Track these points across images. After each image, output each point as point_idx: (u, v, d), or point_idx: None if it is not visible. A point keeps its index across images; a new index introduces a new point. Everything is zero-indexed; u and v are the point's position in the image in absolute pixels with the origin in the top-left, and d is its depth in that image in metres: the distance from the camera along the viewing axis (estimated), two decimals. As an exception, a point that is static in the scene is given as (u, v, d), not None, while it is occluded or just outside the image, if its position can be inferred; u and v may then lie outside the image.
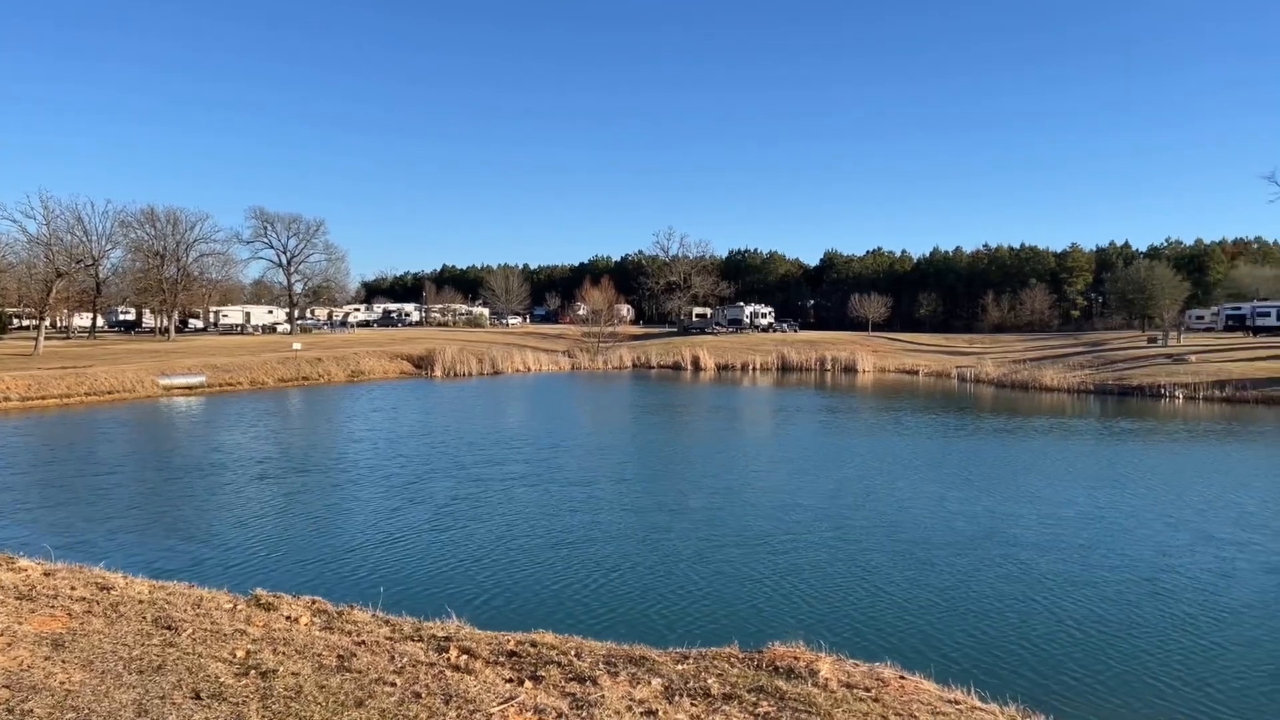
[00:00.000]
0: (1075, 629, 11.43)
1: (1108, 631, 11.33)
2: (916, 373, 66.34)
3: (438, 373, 60.75)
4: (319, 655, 7.28)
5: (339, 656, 7.29)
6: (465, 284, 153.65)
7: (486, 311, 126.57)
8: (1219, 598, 12.67)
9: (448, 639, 8.33)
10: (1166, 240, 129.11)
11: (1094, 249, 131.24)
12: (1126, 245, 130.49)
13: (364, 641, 7.94)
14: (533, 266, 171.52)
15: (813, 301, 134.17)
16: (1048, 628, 11.44)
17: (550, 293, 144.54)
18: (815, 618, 11.80)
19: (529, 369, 66.76)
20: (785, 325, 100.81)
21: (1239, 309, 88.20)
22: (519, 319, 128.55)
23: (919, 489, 20.93)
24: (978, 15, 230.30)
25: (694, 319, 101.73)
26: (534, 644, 8.37)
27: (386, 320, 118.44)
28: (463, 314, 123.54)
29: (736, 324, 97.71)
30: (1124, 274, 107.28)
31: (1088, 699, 9.43)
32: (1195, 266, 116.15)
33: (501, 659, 7.77)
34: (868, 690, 7.85)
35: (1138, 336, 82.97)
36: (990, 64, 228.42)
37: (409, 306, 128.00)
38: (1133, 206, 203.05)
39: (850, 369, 68.99)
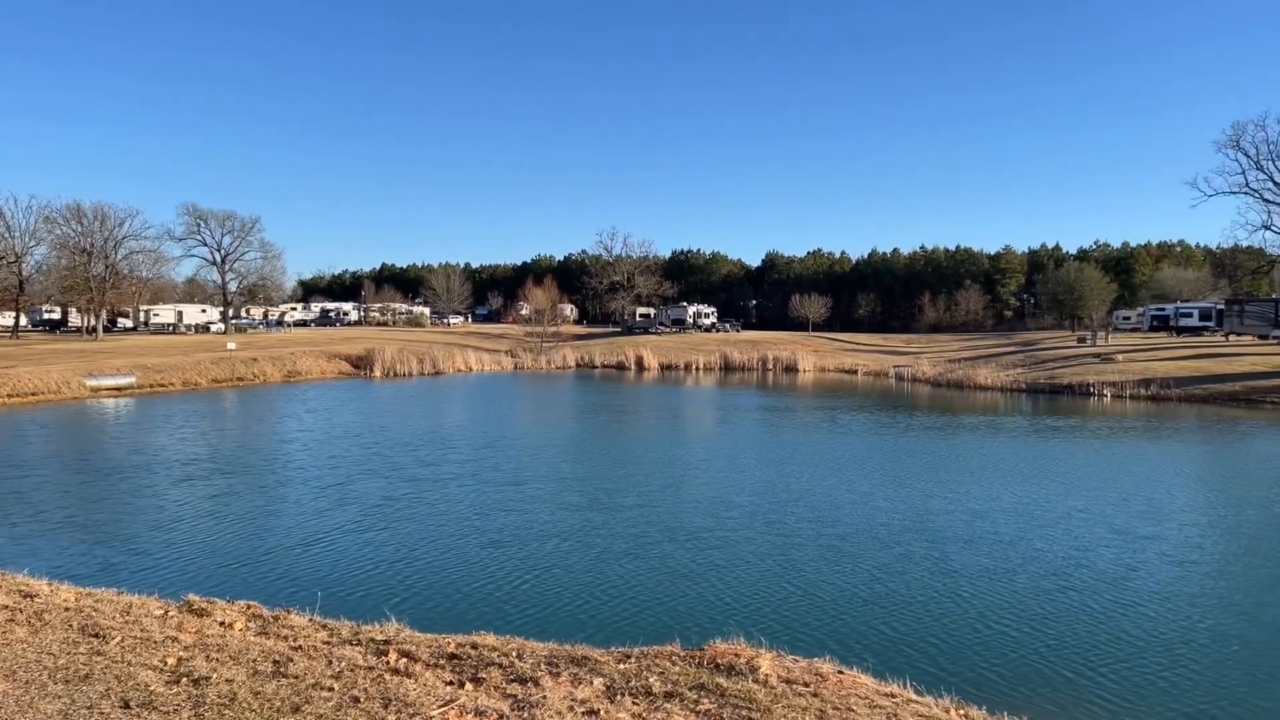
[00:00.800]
0: (1002, 620, 11.74)
1: (1032, 622, 11.66)
2: (855, 372, 67.35)
3: (377, 373, 59.90)
4: (254, 661, 7.15)
5: (274, 662, 7.17)
6: (405, 283, 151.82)
7: (427, 311, 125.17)
8: (1128, 588, 13.13)
9: (387, 642, 8.24)
10: (1095, 243, 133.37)
11: (1026, 251, 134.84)
12: (1057, 248, 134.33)
13: (300, 646, 7.81)
14: (475, 265, 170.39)
15: (755, 302, 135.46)
16: (977, 620, 11.74)
17: (493, 292, 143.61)
18: (756, 614, 11.93)
19: (471, 369, 66.21)
20: (728, 325, 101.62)
21: (1163, 310, 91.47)
22: (461, 318, 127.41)
23: (854, 486, 21.28)
24: (911, 14, 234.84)
25: (638, 319, 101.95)
26: (475, 646, 8.32)
27: (324, 320, 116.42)
28: (403, 313, 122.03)
29: (680, 324, 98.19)
30: (1055, 276, 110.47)
31: (1016, 687, 9.70)
32: (1122, 269, 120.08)
33: (442, 662, 7.72)
34: (807, 685, 7.98)
35: (1068, 336, 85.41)
36: (922, 64, 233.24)
37: (347, 306, 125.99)
38: (1063, 210, 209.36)
39: (791, 368, 69.78)
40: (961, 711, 8.27)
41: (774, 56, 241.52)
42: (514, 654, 8.10)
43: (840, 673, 8.78)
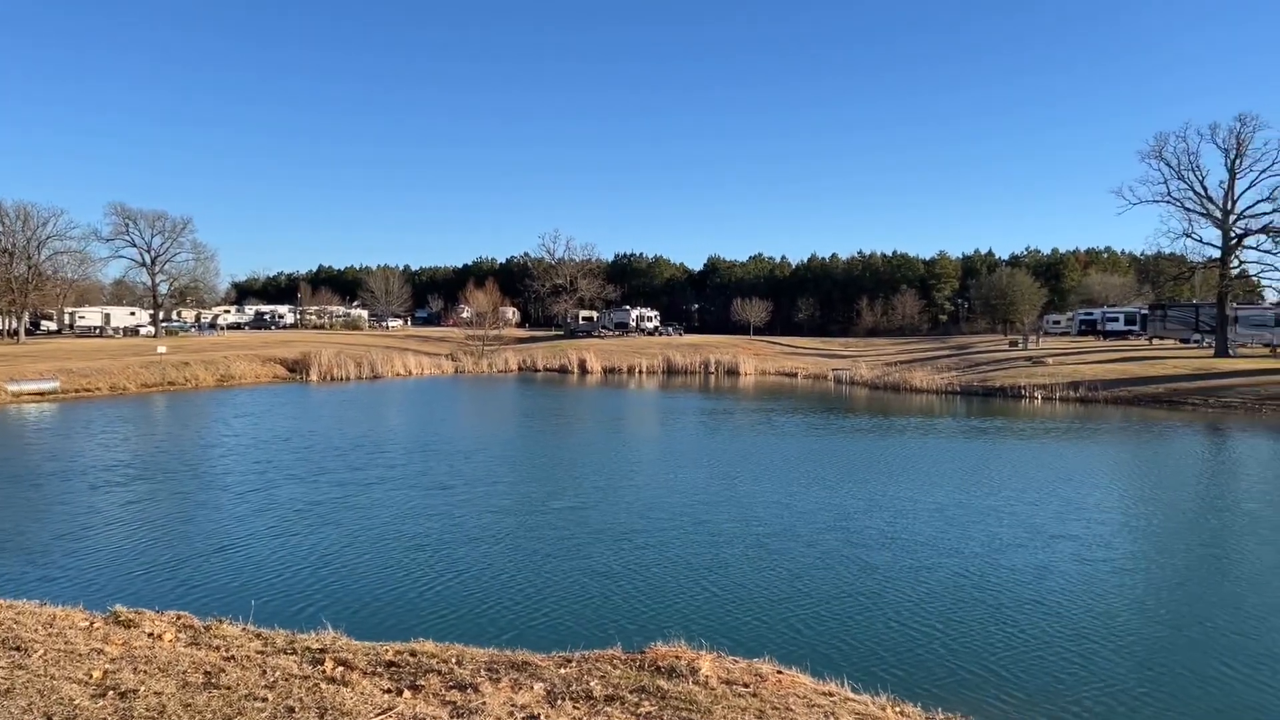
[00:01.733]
0: (932, 617, 11.98)
1: (959, 619, 11.92)
2: (796, 375, 68.19)
3: (314, 377, 58.81)
4: (184, 673, 6.97)
5: (206, 673, 7.00)
6: (343, 285, 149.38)
7: (365, 314, 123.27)
8: (1045, 584, 13.49)
9: (323, 651, 8.10)
10: (1026, 249, 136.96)
11: (960, 257, 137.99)
12: (990, 253, 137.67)
13: (233, 656, 7.64)
14: (415, 268, 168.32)
15: (697, 305, 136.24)
16: (910, 617, 11.97)
17: (433, 295, 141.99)
18: (697, 616, 12.01)
19: (410, 372, 65.40)
20: (671, 329, 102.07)
21: (1091, 314, 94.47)
22: (400, 321, 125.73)
23: (791, 488, 21.53)
24: (849, 19, 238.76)
25: (580, 322, 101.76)
26: (413, 653, 8.23)
27: (259, 322, 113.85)
28: (340, 316, 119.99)
29: (623, 327, 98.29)
30: (988, 281, 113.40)
31: (948, 683, 9.93)
32: (1052, 274, 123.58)
33: (380, 669, 7.62)
34: (746, 686, 8.06)
35: (1000, 340, 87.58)
36: (857, 71, 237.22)
37: (283, 308, 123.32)
38: (996, 217, 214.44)
39: (733, 371, 70.36)
40: (898, 709, 8.43)
41: (713, 61, 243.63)
42: (453, 660, 8.04)
43: (780, 672, 8.89)
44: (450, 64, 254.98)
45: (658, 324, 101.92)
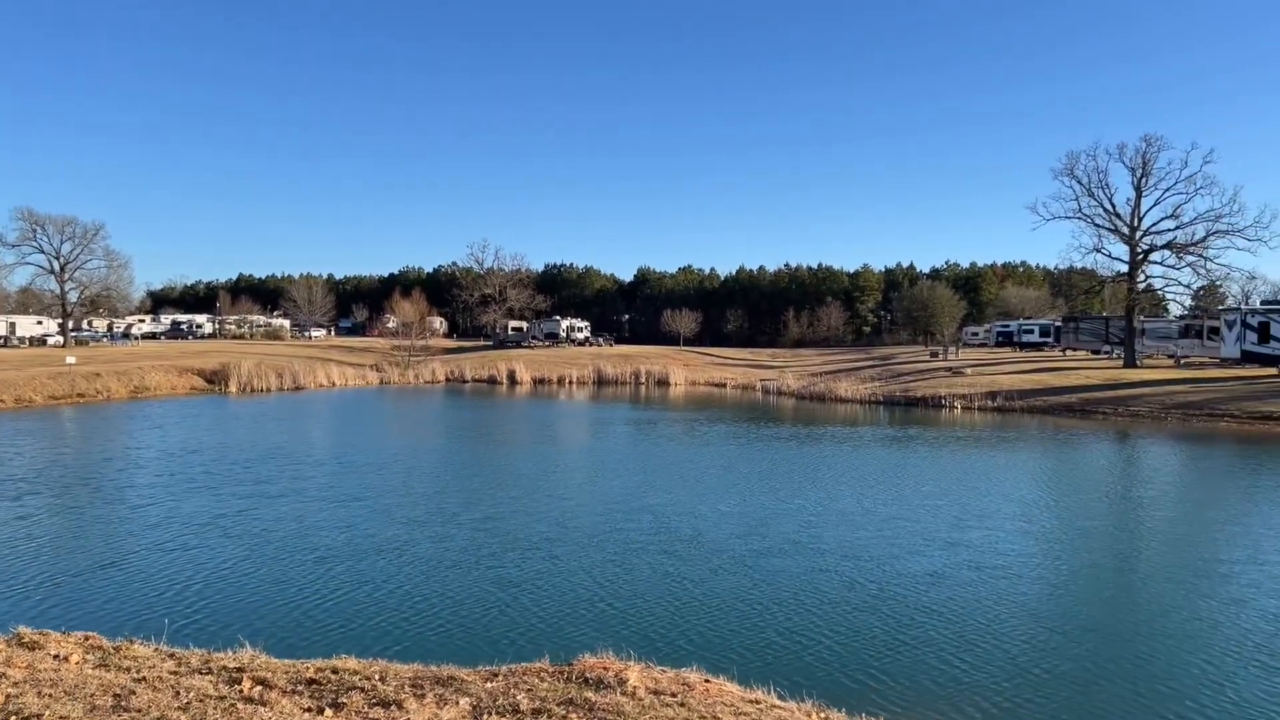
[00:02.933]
0: (857, 624, 12.18)
1: (883, 625, 12.13)
2: (725, 385, 68.81)
3: (233, 388, 57.16)
4: (92, 696, 6.70)
5: (115, 696, 6.74)
6: (264, 294, 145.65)
7: (287, 324, 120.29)
8: (951, 590, 13.82)
9: (240, 670, 7.88)
10: (946, 263, 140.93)
11: (883, 270, 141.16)
12: (911, 267, 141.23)
13: (144, 678, 7.37)
14: (338, 276, 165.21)
15: (628, 316, 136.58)
16: (834, 624, 12.15)
17: (357, 304, 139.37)
18: (625, 626, 11.99)
19: (334, 384, 64.05)
20: (601, 339, 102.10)
21: (1008, 326, 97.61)
22: (323, 331, 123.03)
23: (719, 497, 21.70)
24: (775, 40, 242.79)
25: (510, 332, 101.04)
26: (335, 670, 8.06)
27: (176, 332, 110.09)
28: (261, 326, 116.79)
29: (553, 338, 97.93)
30: (909, 293, 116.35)
31: (871, 688, 10.10)
32: (970, 287, 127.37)
33: (300, 688, 7.44)
34: (674, 695, 8.09)
35: (922, 351, 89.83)
36: (783, 88, 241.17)
37: (201, 318, 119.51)
38: (917, 231, 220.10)
39: (663, 382, 70.67)
40: (823, 715, 8.56)
41: (643, 76, 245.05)
42: (377, 677, 7.89)
43: (707, 681, 8.94)
44: (374, 73, 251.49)
45: (588, 334, 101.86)
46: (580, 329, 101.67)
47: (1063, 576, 14.89)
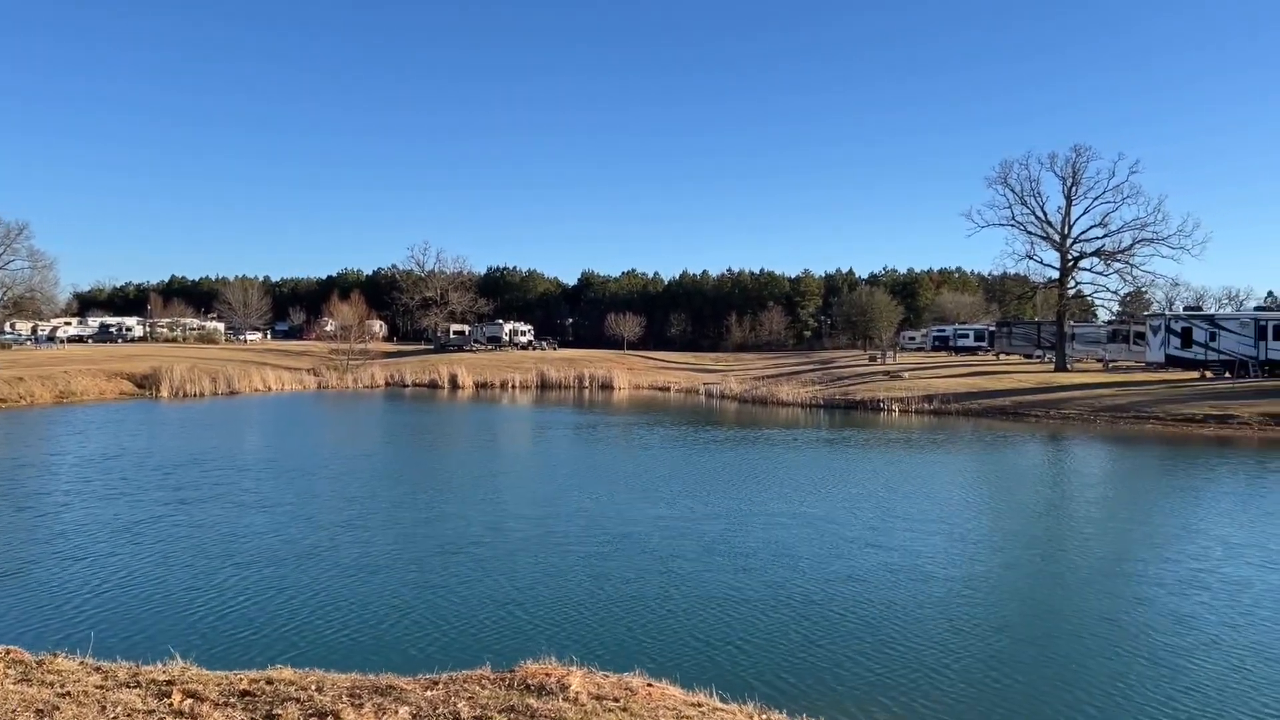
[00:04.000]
0: (795, 625, 12.26)
1: (822, 625, 12.23)
2: (668, 389, 69.12)
3: (164, 393, 55.61)
4: (13, 712, 6.44)
5: (37, 712, 6.49)
6: (198, 297, 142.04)
7: (222, 327, 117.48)
8: (871, 593, 14.01)
9: (170, 683, 7.65)
10: (884, 269, 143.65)
11: (823, 275, 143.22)
12: (851, 272, 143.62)
13: (69, 693, 7.11)
14: (275, 279, 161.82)
15: (571, 320, 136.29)
16: (775, 626, 12.22)
17: (295, 307, 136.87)
18: (568, 632, 11.93)
19: (270, 388, 62.74)
20: (545, 343, 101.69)
21: (943, 331, 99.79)
22: (259, 335, 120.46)
23: (660, 500, 21.72)
24: (726, 47, 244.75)
25: (451, 336, 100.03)
26: (270, 681, 7.87)
27: (104, 335, 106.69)
28: (194, 329, 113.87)
29: (496, 341, 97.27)
30: (849, 298, 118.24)
31: (811, 689, 10.19)
32: (908, 292, 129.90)
33: (233, 700, 7.24)
34: (617, 700, 8.07)
35: (861, 355, 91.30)
36: (722, 96, 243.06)
37: (131, 320, 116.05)
38: (857, 237, 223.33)
39: (607, 386, 70.69)
40: (764, 716, 8.62)
41: (580, 82, 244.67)
42: (313, 687, 7.72)
43: (650, 685, 8.94)
44: (313, 74, 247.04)
45: (531, 338, 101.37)
46: (523, 332, 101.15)
47: (999, 577, 15.23)
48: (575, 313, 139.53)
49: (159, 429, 38.27)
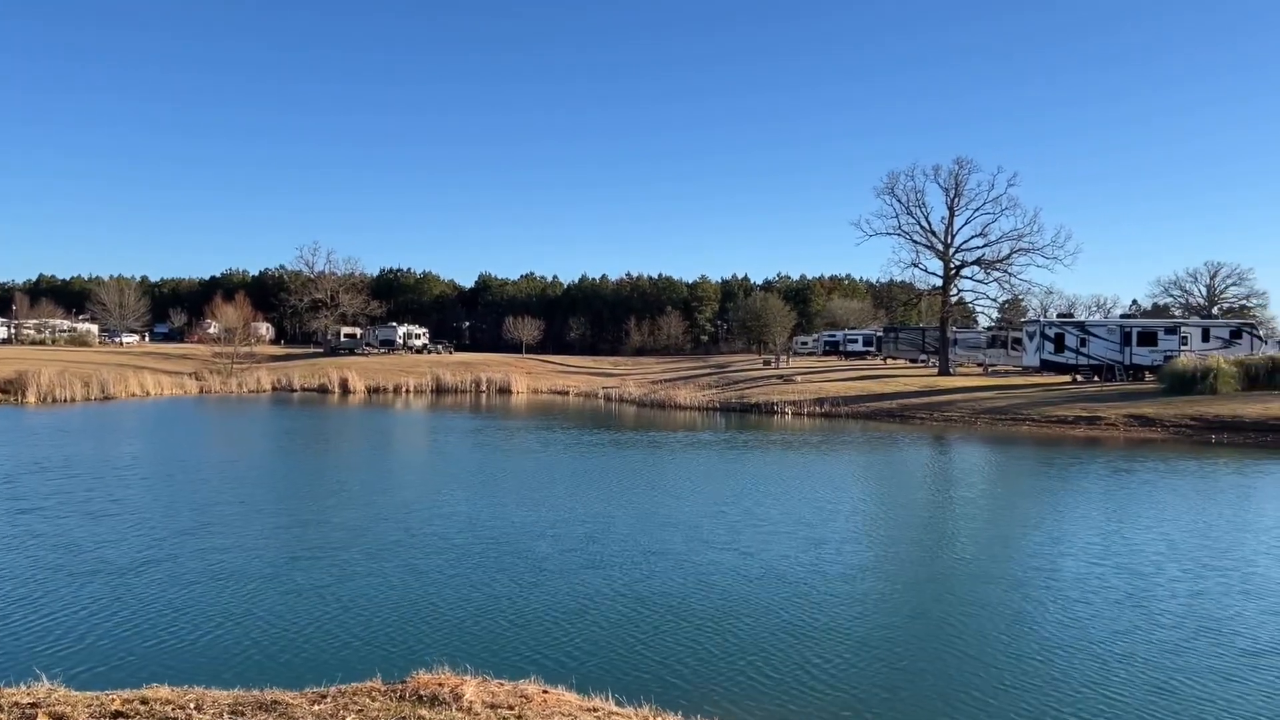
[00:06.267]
0: (687, 626, 12.36)
1: (711, 625, 12.39)
2: (567, 393, 69.00)
3: (31, 398, 52.32)
4: None
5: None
6: (69, 297, 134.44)
7: (96, 329, 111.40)
8: (761, 593, 14.31)
9: (35, 705, 7.21)
10: (778, 275, 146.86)
11: (720, 281, 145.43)
12: (746, 278, 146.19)
13: (-84, 723, 6.62)
14: (154, 279, 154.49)
15: (468, 323, 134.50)
16: (669, 628, 12.30)
17: (175, 308, 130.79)
18: (462, 640, 11.74)
19: (148, 393, 59.83)
20: (440, 346, 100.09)
21: (834, 336, 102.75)
22: (136, 337, 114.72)
23: (553, 503, 21.65)
24: (625, 54, 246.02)
25: (342, 339, 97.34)
26: (145, 700, 7.50)
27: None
28: (65, 331, 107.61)
29: (389, 344, 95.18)
30: (744, 304, 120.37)
31: (706, 690, 10.30)
32: (800, 298, 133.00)
33: (103, 722, 6.87)
34: (511, 709, 8.00)
35: (755, 359, 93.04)
36: (630, 103, 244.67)
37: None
38: (752, 243, 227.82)
39: (505, 390, 70.08)
40: (660, 718, 8.69)
41: (474, 88, 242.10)
42: (192, 705, 7.40)
43: (545, 692, 8.89)
44: (191, 76, 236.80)
45: (426, 341, 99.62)
46: (418, 336, 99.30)
47: (882, 577, 15.73)
48: (472, 316, 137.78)
49: (22, 437, 35.97)
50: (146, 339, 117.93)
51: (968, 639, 12.08)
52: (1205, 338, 56.69)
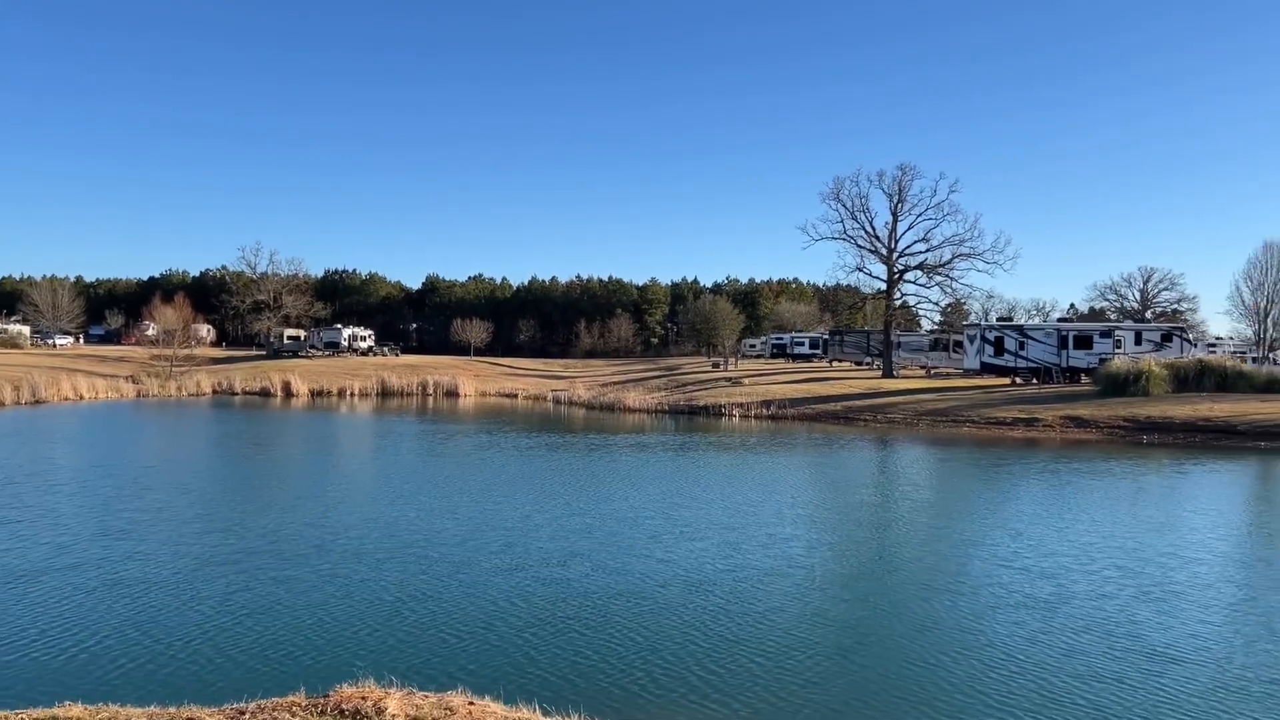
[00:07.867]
0: (614, 633, 12.34)
1: (642, 631, 12.40)
2: (516, 396, 68.68)
3: (-45, 402, 50.61)
4: None
5: None
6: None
7: (27, 330, 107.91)
8: (689, 599, 14.38)
9: (-70, 731, 6.95)
10: (727, 278, 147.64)
11: (670, 284, 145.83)
12: (695, 281, 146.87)
13: None
14: (89, 279, 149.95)
15: (415, 325, 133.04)
16: (594, 634, 12.27)
17: (112, 310, 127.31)
18: (388, 651, 11.54)
19: (82, 396, 58.21)
20: (386, 349, 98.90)
21: (782, 339, 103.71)
22: (71, 339, 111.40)
23: (488, 510, 21.44)
24: (587, 58, 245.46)
25: (286, 341, 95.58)
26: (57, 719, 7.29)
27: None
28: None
29: (334, 347, 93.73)
30: (693, 307, 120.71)
31: (636, 697, 10.30)
32: (749, 301, 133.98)
33: (4, 745, 6.66)
34: (434, 721, 7.92)
35: (705, 362, 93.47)
36: (588, 109, 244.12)
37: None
38: (701, 247, 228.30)
39: (452, 393, 69.51)
40: (588, 726, 8.67)
41: (422, 92, 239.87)
42: (102, 725, 7.20)
43: (471, 704, 8.82)
44: (125, 74, 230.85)
45: (372, 344, 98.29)
46: (364, 338, 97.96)
47: (831, 571, 15.90)
48: (420, 318, 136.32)
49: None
50: (82, 341, 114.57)
51: (875, 643, 12.24)
52: (1138, 341, 58.38)
